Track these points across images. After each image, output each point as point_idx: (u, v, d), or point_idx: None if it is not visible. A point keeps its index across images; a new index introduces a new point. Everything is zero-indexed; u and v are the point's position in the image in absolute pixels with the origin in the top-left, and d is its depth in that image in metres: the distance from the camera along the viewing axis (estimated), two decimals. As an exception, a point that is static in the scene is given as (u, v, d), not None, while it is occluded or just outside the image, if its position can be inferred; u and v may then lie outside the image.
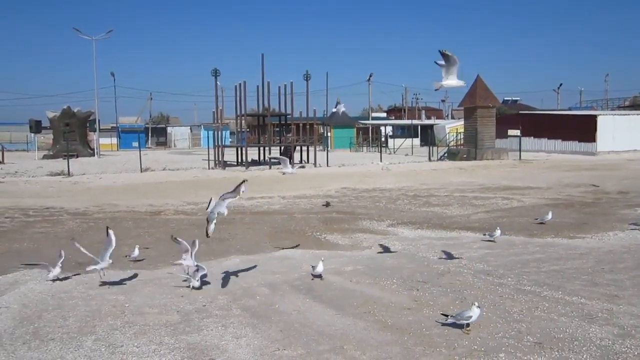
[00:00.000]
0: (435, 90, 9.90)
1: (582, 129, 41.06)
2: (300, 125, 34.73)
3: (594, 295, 6.93)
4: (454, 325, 5.80)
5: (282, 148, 35.43)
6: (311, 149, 33.35)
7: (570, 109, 75.37)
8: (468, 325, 5.74)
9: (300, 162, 31.17)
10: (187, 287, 7.35)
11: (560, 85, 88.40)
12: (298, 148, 34.80)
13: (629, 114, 49.15)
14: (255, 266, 8.66)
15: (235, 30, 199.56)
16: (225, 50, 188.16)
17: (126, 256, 9.19)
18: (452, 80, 9.37)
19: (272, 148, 33.21)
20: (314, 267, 7.82)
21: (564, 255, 9.21)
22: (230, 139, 56.37)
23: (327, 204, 15.21)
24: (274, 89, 33.05)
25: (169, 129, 75.98)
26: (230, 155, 34.40)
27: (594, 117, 41.95)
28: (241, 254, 9.70)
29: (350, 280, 7.78)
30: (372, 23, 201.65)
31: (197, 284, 7.22)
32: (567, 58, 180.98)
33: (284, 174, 10.28)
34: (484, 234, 10.61)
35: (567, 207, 14.70)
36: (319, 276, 7.77)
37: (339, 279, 7.79)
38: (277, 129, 38.19)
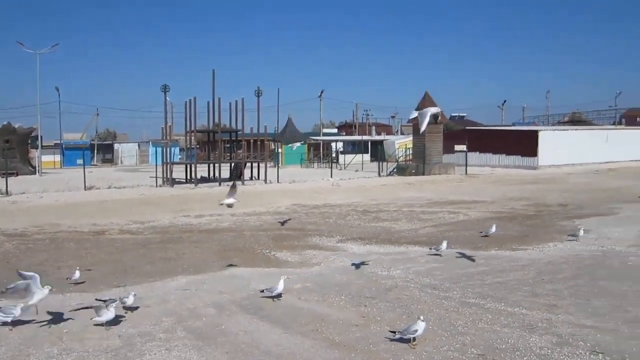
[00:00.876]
0: (412, 118, 10.45)
1: (525, 144, 42.59)
2: (251, 141, 34.56)
3: (534, 306, 7.15)
4: (400, 340, 5.85)
5: (233, 165, 35.13)
6: (262, 165, 33.22)
7: (514, 125, 78.17)
8: (414, 339, 5.80)
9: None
10: (130, 309, 7.12)
11: (504, 101, 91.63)
12: (249, 164, 34.57)
13: (568, 130, 51.44)
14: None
15: (185, 45, 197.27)
16: (176, 65, 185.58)
17: (67, 278, 8.85)
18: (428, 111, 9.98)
19: (222, 165, 32.85)
20: (270, 290, 7.55)
21: (507, 267, 9.48)
22: (179, 156, 55.45)
23: (284, 222, 15.13)
24: (225, 105, 32.70)
25: (115, 146, 73.96)
26: (179, 172, 33.82)
27: (536, 132, 43.60)
28: (188, 273, 9.50)
29: (298, 298, 7.74)
30: (323, 39, 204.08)
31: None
32: (511, 75, 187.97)
33: (221, 204, 10.40)
34: (430, 248, 10.79)
35: (510, 220, 15.17)
36: (279, 296, 7.65)
37: (287, 297, 7.73)
38: (228, 145, 37.85)
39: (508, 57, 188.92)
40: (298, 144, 41.03)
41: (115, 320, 6.56)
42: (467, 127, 56.73)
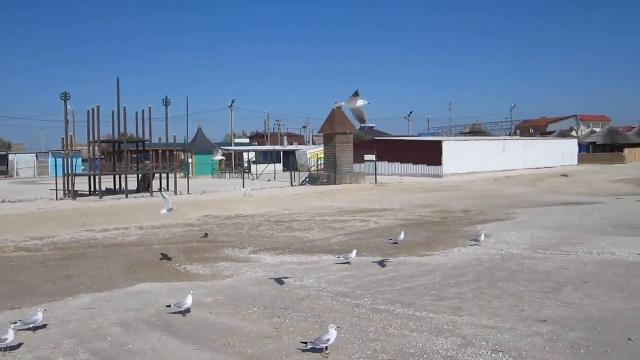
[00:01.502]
0: (337, 108, 10.69)
1: (430, 154, 44.53)
2: (160, 151, 33.49)
3: (440, 309, 7.46)
4: (313, 350, 5.88)
5: (141, 176, 33.86)
6: (172, 176, 32.29)
7: (420, 135, 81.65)
8: (327, 348, 5.85)
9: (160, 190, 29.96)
10: (27, 332, 6.62)
11: (411, 113, 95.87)
12: (158, 175, 33.47)
13: (469, 140, 54.44)
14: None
15: (88, 52, 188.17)
16: (77, 72, 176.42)
17: (-48, 303, 8.10)
18: (354, 103, 10.13)
19: (129, 176, 31.55)
20: (178, 305, 7.35)
21: (415, 273, 9.82)
22: (82, 167, 52.67)
23: (206, 235, 14.76)
24: (131, 114, 31.50)
25: (10, 157, 68.92)
26: (82, 184, 32.12)
27: (440, 143, 45.72)
28: (93, 291, 9.00)
29: (210, 312, 7.57)
30: (233, 49, 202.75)
31: None
32: (416, 88, 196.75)
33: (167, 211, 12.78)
34: (339, 257, 10.96)
35: (418, 227, 15.76)
36: (188, 311, 7.43)
37: (198, 312, 7.53)
38: (135, 156, 36.48)
39: (413, 71, 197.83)
40: (220, 156, 39.91)
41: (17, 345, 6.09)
42: (376, 138, 58.42)
